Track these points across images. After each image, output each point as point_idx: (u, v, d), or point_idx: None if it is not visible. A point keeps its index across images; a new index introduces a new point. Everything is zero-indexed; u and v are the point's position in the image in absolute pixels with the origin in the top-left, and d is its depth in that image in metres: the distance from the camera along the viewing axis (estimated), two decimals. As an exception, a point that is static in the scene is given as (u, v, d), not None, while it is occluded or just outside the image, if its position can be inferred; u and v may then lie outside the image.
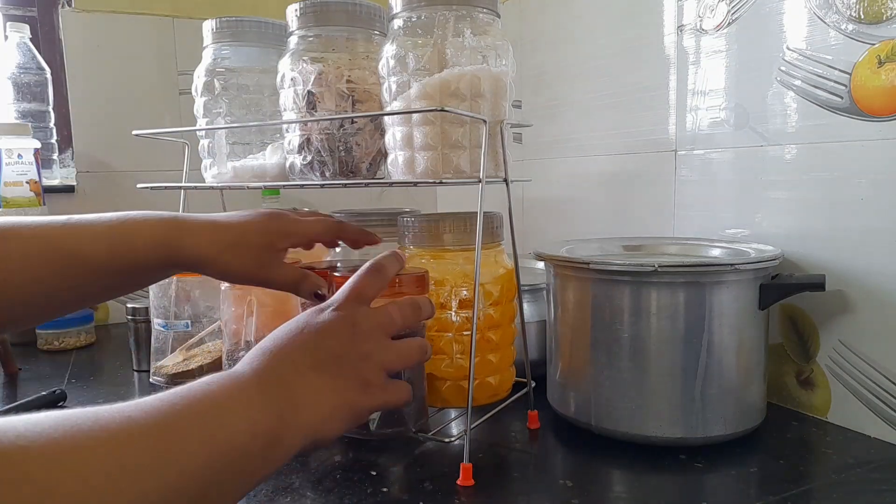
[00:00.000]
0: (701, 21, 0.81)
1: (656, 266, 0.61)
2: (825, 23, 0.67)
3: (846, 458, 0.62)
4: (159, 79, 1.27)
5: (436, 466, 0.62)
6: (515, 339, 0.70)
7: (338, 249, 0.76)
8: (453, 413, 0.69)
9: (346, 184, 0.67)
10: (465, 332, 0.64)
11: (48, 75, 1.22)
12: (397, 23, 0.64)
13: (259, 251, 0.55)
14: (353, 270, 0.51)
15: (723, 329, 0.63)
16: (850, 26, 0.65)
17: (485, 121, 0.60)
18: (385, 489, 0.57)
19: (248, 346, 0.69)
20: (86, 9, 1.21)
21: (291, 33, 0.71)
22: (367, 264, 0.50)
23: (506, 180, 0.65)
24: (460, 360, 0.64)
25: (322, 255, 0.80)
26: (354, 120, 0.69)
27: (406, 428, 0.58)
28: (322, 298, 0.57)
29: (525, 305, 0.71)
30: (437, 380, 0.64)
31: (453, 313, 0.64)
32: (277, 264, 0.56)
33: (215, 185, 0.78)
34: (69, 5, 1.21)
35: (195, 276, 0.73)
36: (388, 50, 0.64)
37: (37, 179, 1.13)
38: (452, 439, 0.65)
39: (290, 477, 0.59)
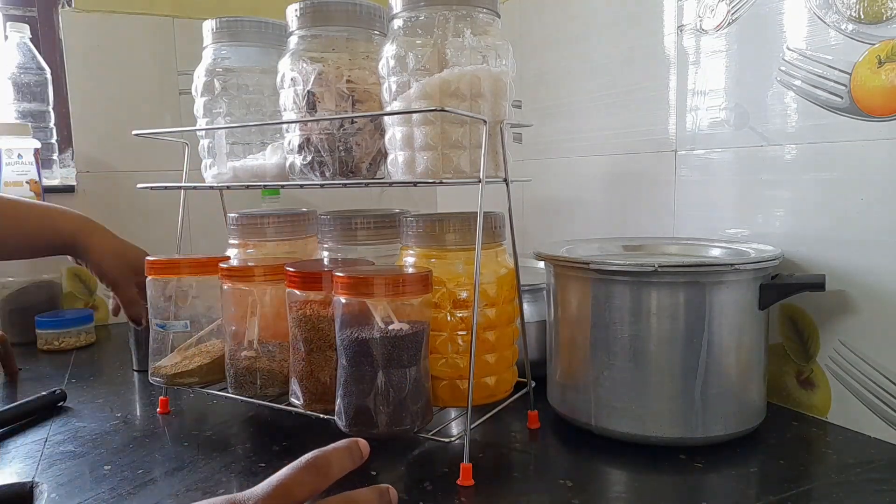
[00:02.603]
0: (701, 21, 0.81)
1: (656, 266, 0.61)
2: (825, 23, 0.67)
3: (846, 458, 0.62)
4: (159, 79, 1.27)
5: (436, 466, 0.62)
6: (516, 339, 0.70)
7: (339, 255, 0.76)
8: (453, 413, 0.69)
9: (346, 184, 0.67)
10: (459, 332, 0.64)
11: (48, 75, 1.22)
12: (397, 23, 0.64)
13: (125, 273, 0.91)
14: (357, 270, 0.50)
15: (723, 329, 0.63)
16: (850, 26, 0.65)
17: (485, 121, 0.60)
18: (385, 489, 0.57)
19: (251, 345, 0.69)
20: (86, 9, 1.21)
21: (291, 33, 0.71)
22: (308, 455, 0.41)
23: (506, 180, 0.65)
24: (455, 359, 0.64)
25: (313, 254, 0.80)
26: (354, 120, 0.69)
27: (412, 427, 0.58)
28: (137, 323, 0.92)
29: (525, 305, 0.71)
30: (433, 379, 0.64)
31: (448, 313, 0.64)
32: (129, 286, 0.91)
33: (215, 185, 0.78)
34: (69, 5, 1.21)
35: (193, 276, 0.73)
36: (388, 50, 0.64)
37: (37, 179, 1.13)
38: (452, 439, 0.65)
39: (290, 477, 0.59)
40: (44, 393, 0.80)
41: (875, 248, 0.64)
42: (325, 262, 0.73)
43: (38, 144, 1.14)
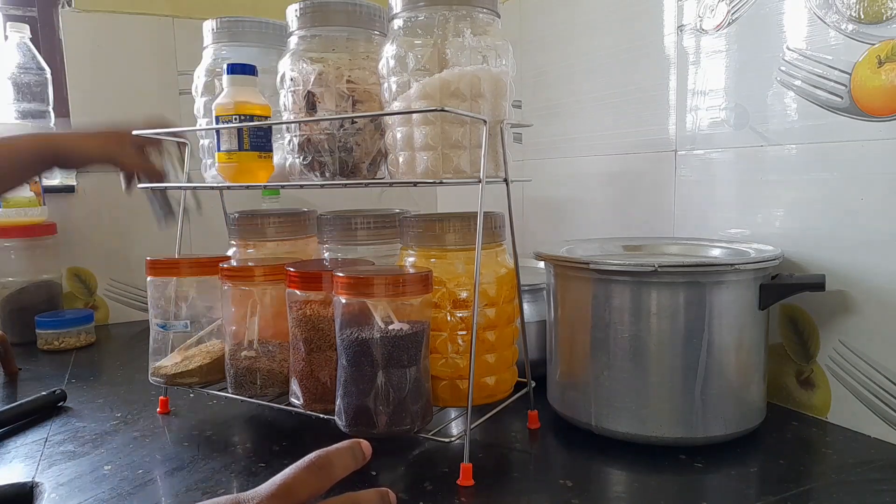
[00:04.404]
0: (701, 21, 0.81)
1: (656, 266, 0.61)
2: (825, 23, 0.67)
3: (846, 458, 0.62)
4: (159, 79, 1.27)
5: (436, 466, 0.62)
6: (516, 339, 0.70)
7: (338, 255, 0.76)
8: (453, 413, 0.69)
9: (346, 184, 0.67)
10: (459, 332, 0.64)
11: (48, 75, 1.22)
12: (397, 23, 0.64)
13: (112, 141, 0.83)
14: (357, 270, 0.50)
15: (723, 329, 0.63)
16: (850, 26, 0.65)
17: (485, 121, 0.60)
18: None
19: (251, 345, 0.69)
20: (86, 9, 1.21)
21: (291, 33, 0.71)
22: (310, 455, 0.41)
23: (506, 180, 0.65)
24: (455, 359, 0.64)
25: (313, 254, 0.80)
26: (354, 120, 0.69)
27: (412, 427, 0.58)
28: (161, 178, 0.84)
29: (525, 305, 0.71)
30: (433, 379, 0.64)
31: (448, 313, 0.64)
32: (128, 154, 0.83)
33: (215, 185, 0.78)
34: (69, 5, 1.21)
35: (193, 276, 0.73)
36: (388, 50, 0.64)
37: (37, 179, 1.13)
38: (452, 439, 0.65)
39: (290, 477, 0.59)
40: (44, 393, 0.80)
41: (875, 248, 0.64)
42: (325, 262, 0.73)
43: (38, 144, 1.14)
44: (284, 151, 0.74)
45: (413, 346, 0.58)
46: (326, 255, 0.77)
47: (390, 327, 0.57)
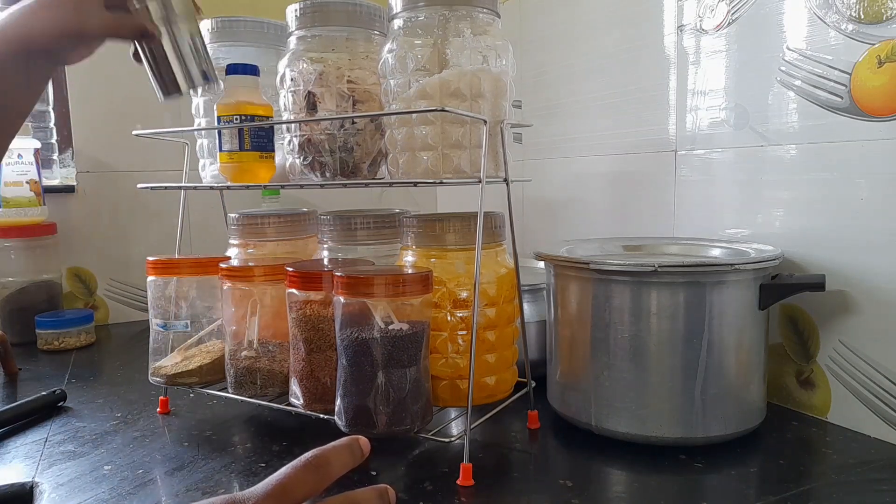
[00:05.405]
0: (701, 21, 0.81)
1: (656, 266, 0.61)
2: (825, 23, 0.67)
3: (846, 458, 0.62)
4: (159, 79, 1.27)
5: (436, 466, 0.62)
6: (516, 339, 0.70)
7: (338, 255, 0.76)
8: (453, 413, 0.69)
9: (346, 184, 0.67)
10: (459, 332, 0.64)
11: (48, 75, 1.22)
12: (397, 23, 0.64)
13: (65, 3, 0.56)
14: (357, 271, 0.50)
15: (723, 329, 0.63)
16: (850, 26, 0.65)
17: (485, 121, 0.60)
18: (385, 489, 0.57)
19: (251, 345, 0.69)
20: (86, 9, 1.21)
21: (291, 33, 0.71)
22: (308, 454, 0.40)
23: (506, 180, 0.65)
24: (455, 359, 0.64)
25: (313, 254, 0.80)
26: (354, 120, 0.69)
27: (412, 427, 0.58)
28: (150, 38, 0.59)
29: (525, 305, 0.71)
30: (433, 379, 0.64)
31: (448, 313, 0.64)
32: (91, 14, 0.57)
33: (215, 185, 0.78)
34: (69, 5, 1.21)
35: (193, 276, 0.73)
36: (388, 50, 0.64)
37: (37, 179, 1.13)
38: (452, 439, 0.65)
39: (290, 477, 0.59)
40: (44, 393, 0.80)
41: (875, 248, 0.64)
42: (325, 262, 0.73)
43: (38, 144, 1.14)
44: (285, 151, 0.74)
45: (413, 346, 0.58)
46: (326, 255, 0.77)
47: (390, 327, 0.57)
